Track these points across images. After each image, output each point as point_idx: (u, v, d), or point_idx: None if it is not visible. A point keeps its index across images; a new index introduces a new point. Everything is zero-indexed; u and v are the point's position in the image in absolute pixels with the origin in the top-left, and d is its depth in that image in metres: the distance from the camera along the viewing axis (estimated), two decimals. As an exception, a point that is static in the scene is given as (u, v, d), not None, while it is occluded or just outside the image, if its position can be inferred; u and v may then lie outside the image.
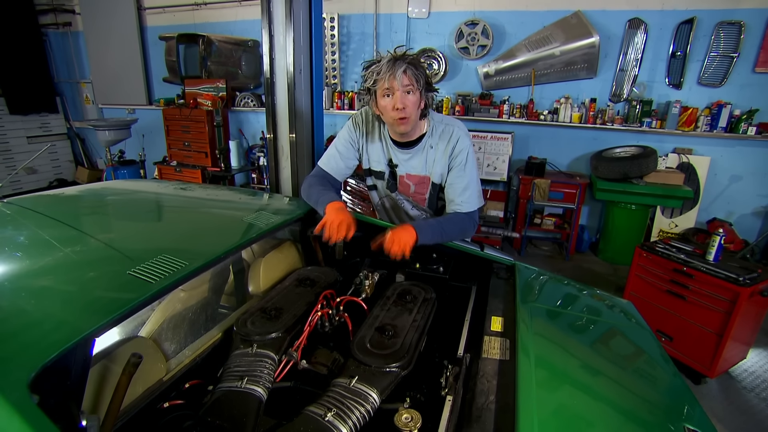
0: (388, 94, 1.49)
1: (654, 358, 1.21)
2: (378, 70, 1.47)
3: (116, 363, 0.93)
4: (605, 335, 1.29)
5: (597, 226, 4.86)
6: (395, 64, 1.45)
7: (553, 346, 1.11)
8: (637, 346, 1.25)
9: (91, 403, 0.86)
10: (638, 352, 1.23)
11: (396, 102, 1.47)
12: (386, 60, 1.47)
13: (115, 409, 0.79)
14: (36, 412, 0.61)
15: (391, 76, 1.44)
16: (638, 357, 1.20)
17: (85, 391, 0.80)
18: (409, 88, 1.47)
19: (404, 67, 1.45)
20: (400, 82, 1.45)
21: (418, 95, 1.51)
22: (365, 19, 5.16)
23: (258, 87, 5.97)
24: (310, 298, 1.41)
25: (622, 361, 1.17)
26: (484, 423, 0.87)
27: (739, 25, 3.89)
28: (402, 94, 1.47)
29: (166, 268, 1.02)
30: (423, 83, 1.51)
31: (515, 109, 4.69)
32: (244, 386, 1.00)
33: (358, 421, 0.92)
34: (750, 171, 4.17)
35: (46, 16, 6.70)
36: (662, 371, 1.15)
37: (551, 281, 1.61)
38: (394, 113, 1.50)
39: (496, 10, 4.58)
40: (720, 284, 2.40)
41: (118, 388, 0.80)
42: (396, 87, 1.45)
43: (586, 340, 1.22)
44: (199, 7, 5.81)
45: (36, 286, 0.89)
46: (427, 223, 1.58)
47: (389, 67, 1.44)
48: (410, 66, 1.47)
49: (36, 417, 0.60)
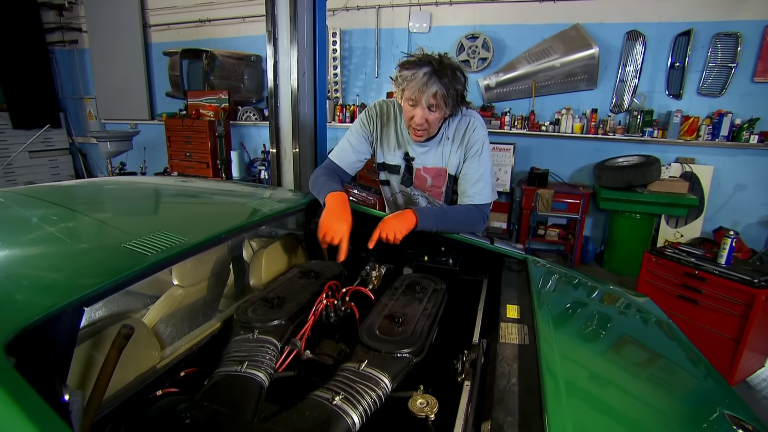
0: (412, 104, 1.44)
1: (680, 346, 1.14)
2: (411, 79, 1.39)
3: (106, 342, 0.86)
4: (627, 323, 1.22)
5: (602, 237, 4.80)
6: (430, 80, 1.36)
7: (574, 332, 1.04)
8: (660, 334, 1.17)
9: (77, 382, 0.78)
10: (662, 340, 1.15)
11: (416, 117, 1.44)
12: (423, 71, 1.37)
13: (102, 386, 0.72)
14: (11, 373, 0.54)
15: (420, 92, 1.38)
16: (663, 344, 1.13)
17: (70, 365, 0.72)
18: (434, 107, 1.43)
19: (436, 89, 1.37)
20: (427, 101, 1.40)
21: (441, 113, 1.46)
22: (367, 35, 5.24)
23: (260, 101, 6.01)
24: (315, 288, 1.35)
25: (646, 347, 1.09)
26: (508, 404, 0.79)
27: (736, 37, 3.94)
28: (424, 112, 1.43)
29: (164, 243, 0.96)
30: (455, 96, 1.44)
31: (517, 120, 4.71)
32: (244, 370, 0.92)
33: (369, 406, 0.84)
34: (754, 180, 4.14)
35: (53, 34, 6.82)
36: (690, 358, 1.07)
37: (565, 276, 1.55)
38: (413, 124, 1.48)
39: (496, 24, 4.65)
40: (734, 287, 2.32)
41: (106, 362, 0.73)
42: (421, 103, 1.41)
43: (608, 328, 1.15)
44: (203, 23, 5.92)
45: (24, 254, 0.82)
46: (431, 208, 1.53)
47: (423, 83, 1.37)
48: (444, 87, 1.38)
49: (10, 378, 0.54)
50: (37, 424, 0.50)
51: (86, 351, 0.83)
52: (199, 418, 0.76)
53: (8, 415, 0.50)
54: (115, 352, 0.74)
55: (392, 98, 1.66)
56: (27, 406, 0.52)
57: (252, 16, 5.55)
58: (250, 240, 1.78)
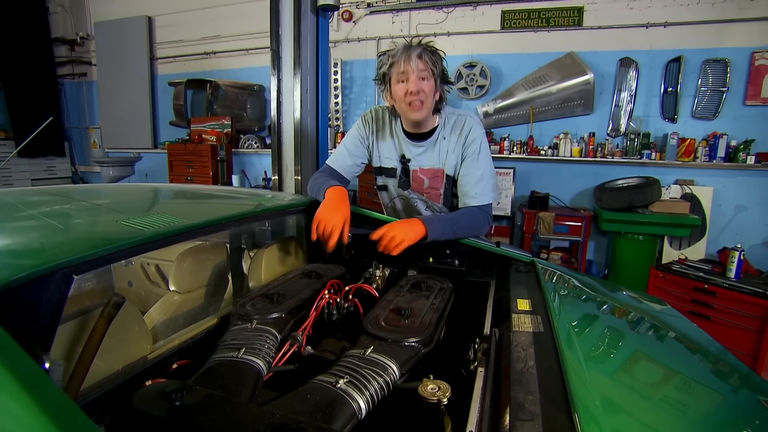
0: (403, 80, 1.46)
1: (700, 340, 1.08)
2: (393, 54, 1.46)
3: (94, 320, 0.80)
4: (645, 317, 1.16)
5: (605, 261, 4.74)
6: (411, 49, 1.44)
7: (591, 319, 0.99)
8: (681, 323, 1.12)
9: (63, 356, 0.72)
10: (681, 328, 1.09)
11: (410, 86, 1.44)
12: (401, 46, 1.46)
13: (88, 358, 0.66)
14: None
15: (407, 60, 1.43)
16: (682, 331, 1.07)
17: (55, 335, 0.67)
18: (424, 74, 1.45)
19: (419, 51, 1.44)
20: (416, 66, 1.43)
21: (433, 83, 1.48)
22: (367, 65, 5.41)
23: (262, 130, 6.11)
24: (317, 286, 1.29)
25: (667, 337, 1.03)
26: (527, 384, 0.73)
27: (724, 63, 4.07)
28: (417, 79, 1.44)
29: (162, 222, 0.92)
30: (439, 71, 1.49)
31: (515, 145, 4.77)
32: (240, 356, 0.86)
33: (375, 392, 0.78)
34: (755, 201, 4.14)
35: (64, 67, 7.04)
36: (713, 349, 1.01)
37: (576, 276, 1.50)
38: (409, 98, 1.46)
39: (493, 53, 4.81)
40: (747, 300, 2.26)
41: (93, 332, 0.67)
42: (411, 70, 1.43)
43: (626, 316, 1.09)
44: (208, 56, 6.12)
45: (16, 225, 0.79)
46: (438, 217, 1.50)
47: (404, 51, 1.43)
48: (426, 51, 1.45)
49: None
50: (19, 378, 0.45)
51: (70, 329, 0.77)
52: (191, 400, 0.69)
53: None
54: (104, 322, 0.68)
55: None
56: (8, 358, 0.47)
57: (255, 48, 5.75)
58: (250, 251, 1.74)
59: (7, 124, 6.48)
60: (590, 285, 1.41)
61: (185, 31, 6.17)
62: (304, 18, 2.45)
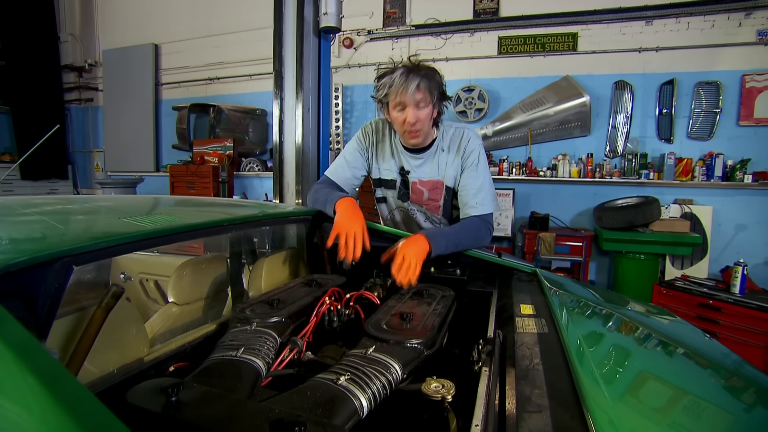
0: (400, 109, 1.45)
1: (711, 349, 1.06)
2: (390, 83, 1.42)
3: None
4: (652, 321, 1.14)
5: (607, 281, 4.69)
6: (408, 78, 1.40)
7: (595, 321, 0.97)
8: (684, 329, 1.09)
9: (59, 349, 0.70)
10: (685, 333, 1.07)
11: (408, 117, 1.43)
12: (399, 72, 1.42)
13: (84, 348, 0.65)
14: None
15: (404, 91, 1.39)
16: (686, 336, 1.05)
17: (51, 326, 0.66)
18: (422, 103, 1.43)
19: (418, 81, 1.39)
20: (413, 98, 1.41)
21: (430, 108, 1.47)
22: (368, 89, 5.52)
23: (263, 153, 6.19)
24: (317, 294, 1.28)
25: (674, 340, 1.01)
26: (533, 380, 0.71)
27: (716, 85, 4.17)
28: (414, 110, 1.43)
29: (164, 221, 0.92)
30: (437, 96, 1.47)
31: (514, 167, 4.82)
32: (239, 356, 0.84)
33: (378, 391, 0.75)
34: (755, 220, 4.15)
35: (71, 93, 7.20)
36: (723, 355, 0.99)
37: (579, 284, 1.48)
38: (406, 126, 1.47)
39: (491, 78, 4.94)
40: (754, 315, 2.22)
41: (91, 323, 0.66)
42: (408, 102, 1.41)
43: (631, 319, 1.07)
44: (212, 81, 6.27)
45: (20, 219, 0.78)
46: (441, 232, 1.48)
47: (402, 81, 1.40)
48: (424, 79, 1.41)
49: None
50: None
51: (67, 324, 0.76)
52: (188, 396, 0.67)
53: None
54: (102, 313, 0.67)
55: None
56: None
57: (259, 74, 5.90)
58: (249, 266, 1.73)
59: (13, 147, 6.58)
60: (594, 292, 1.40)
61: (190, 57, 6.35)
62: (306, 39, 2.53)
